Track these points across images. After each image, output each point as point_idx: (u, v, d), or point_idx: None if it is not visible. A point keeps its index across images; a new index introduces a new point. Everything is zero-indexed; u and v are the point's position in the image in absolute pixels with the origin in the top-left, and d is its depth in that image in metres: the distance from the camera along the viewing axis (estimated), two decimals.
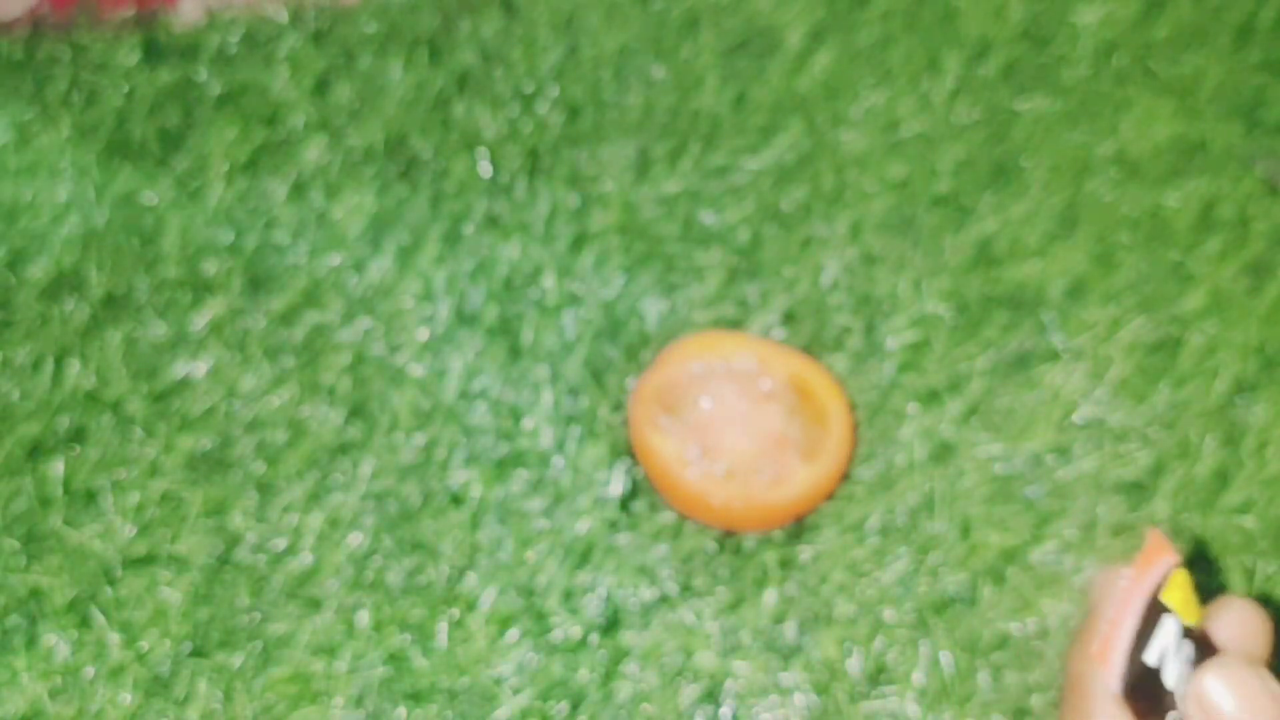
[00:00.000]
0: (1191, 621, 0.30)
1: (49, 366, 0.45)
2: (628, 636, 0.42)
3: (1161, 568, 0.30)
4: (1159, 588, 0.29)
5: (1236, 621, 0.31)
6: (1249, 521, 0.44)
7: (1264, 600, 0.43)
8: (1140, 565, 0.30)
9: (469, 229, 0.49)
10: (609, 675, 0.41)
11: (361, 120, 0.50)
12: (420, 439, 0.44)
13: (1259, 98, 0.53)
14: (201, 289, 0.47)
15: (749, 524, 0.43)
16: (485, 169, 0.50)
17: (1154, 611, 0.29)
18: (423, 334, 0.46)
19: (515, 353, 0.46)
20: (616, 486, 0.44)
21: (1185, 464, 0.45)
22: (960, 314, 0.48)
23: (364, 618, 0.41)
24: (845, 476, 0.44)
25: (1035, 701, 0.41)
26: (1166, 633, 0.29)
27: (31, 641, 0.40)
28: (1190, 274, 0.49)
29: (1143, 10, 0.55)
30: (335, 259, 0.48)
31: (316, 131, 0.50)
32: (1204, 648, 0.30)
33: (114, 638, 0.41)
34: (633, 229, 0.49)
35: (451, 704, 0.40)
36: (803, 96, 0.52)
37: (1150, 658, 0.29)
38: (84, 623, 0.41)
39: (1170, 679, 0.28)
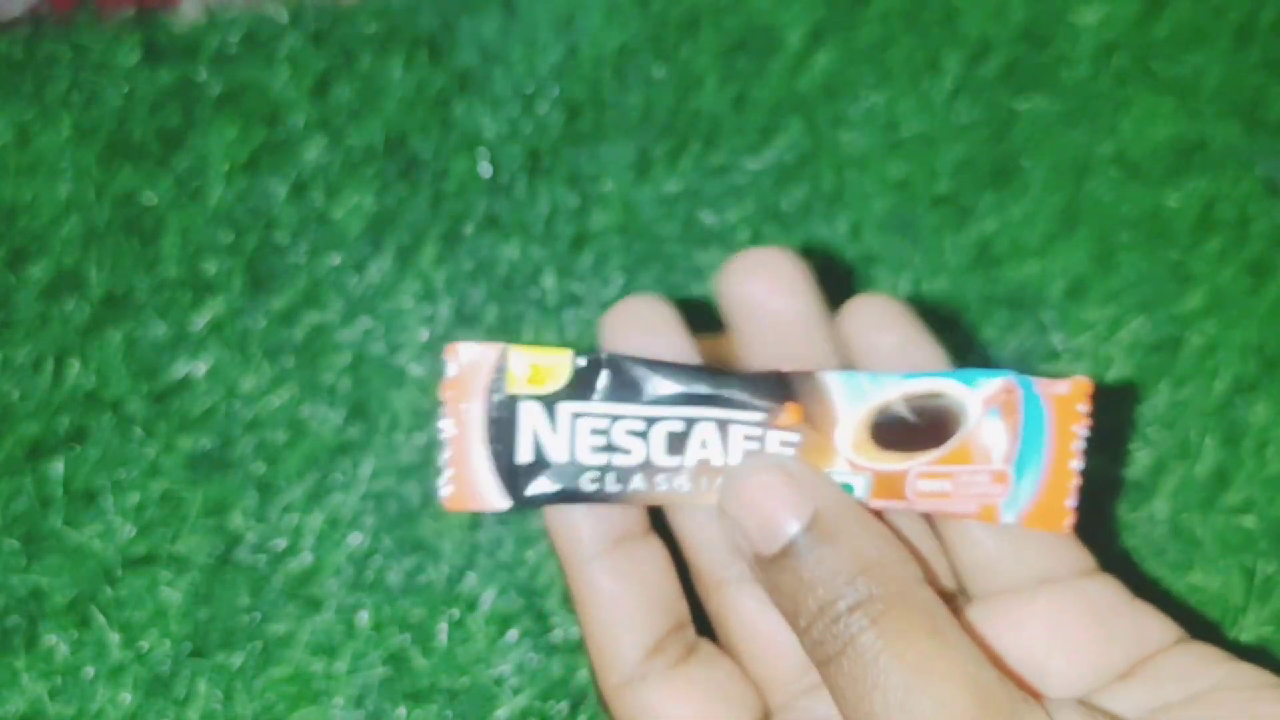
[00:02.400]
0: (556, 385, 0.25)
1: (49, 366, 0.45)
2: None
3: (484, 371, 0.25)
4: (490, 389, 0.25)
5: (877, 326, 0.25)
6: (1249, 521, 0.44)
7: (1263, 600, 0.43)
8: (449, 388, 0.25)
9: (469, 229, 0.49)
10: None
11: (361, 120, 0.50)
12: (420, 439, 0.44)
13: (1259, 98, 0.53)
14: (201, 289, 0.47)
15: None
16: (485, 169, 0.50)
17: (504, 413, 0.25)
18: (423, 334, 0.46)
19: None
20: None
21: (1185, 464, 0.45)
22: (960, 314, 0.48)
23: (364, 618, 0.41)
24: None
25: None
26: (529, 421, 0.25)
27: (31, 641, 0.40)
28: (1190, 274, 0.49)
29: (1143, 10, 0.55)
30: (335, 259, 0.48)
31: (316, 131, 0.50)
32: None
33: (114, 638, 0.41)
34: (633, 229, 0.49)
35: (451, 704, 0.40)
36: (803, 96, 0.52)
37: (523, 456, 0.25)
38: (84, 623, 0.41)
39: (559, 454, 0.25)
